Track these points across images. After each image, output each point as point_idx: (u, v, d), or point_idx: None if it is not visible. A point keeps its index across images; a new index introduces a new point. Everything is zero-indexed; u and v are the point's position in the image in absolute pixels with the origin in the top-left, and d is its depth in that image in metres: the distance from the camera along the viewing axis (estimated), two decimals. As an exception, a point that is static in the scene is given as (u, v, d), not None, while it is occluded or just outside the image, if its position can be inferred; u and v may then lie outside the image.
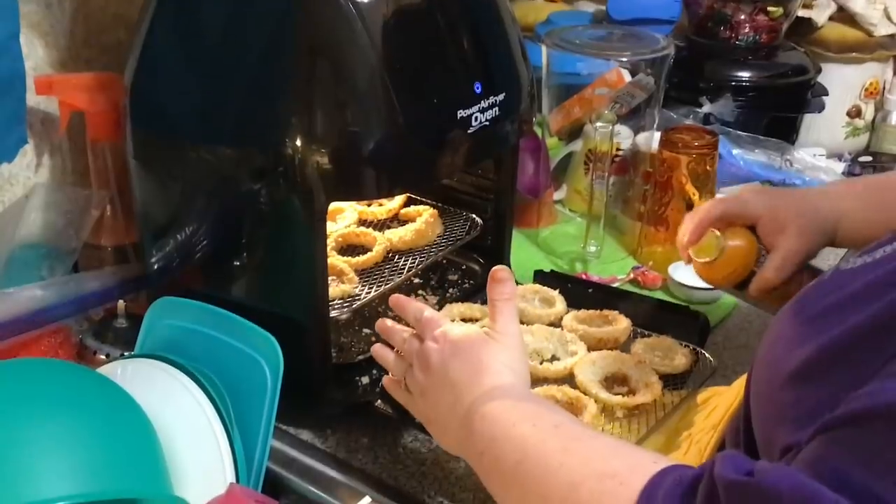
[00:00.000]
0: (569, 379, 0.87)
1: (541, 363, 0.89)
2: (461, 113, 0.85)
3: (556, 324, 0.96)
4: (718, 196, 0.99)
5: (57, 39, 1.03)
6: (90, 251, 1.05)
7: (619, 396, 0.84)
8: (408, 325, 0.76)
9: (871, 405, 0.42)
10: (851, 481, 0.41)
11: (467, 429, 0.65)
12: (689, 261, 0.87)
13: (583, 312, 0.98)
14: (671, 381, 0.89)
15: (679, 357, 0.91)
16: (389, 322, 0.78)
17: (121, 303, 1.00)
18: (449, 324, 0.72)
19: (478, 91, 0.87)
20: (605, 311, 0.97)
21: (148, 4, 0.87)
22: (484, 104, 0.87)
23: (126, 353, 0.93)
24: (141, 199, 0.95)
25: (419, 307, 0.74)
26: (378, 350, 0.79)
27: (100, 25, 1.07)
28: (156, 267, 0.96)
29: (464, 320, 0.94)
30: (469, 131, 0.86)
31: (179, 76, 0.87)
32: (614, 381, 0.89)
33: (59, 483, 0.67)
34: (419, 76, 0.83)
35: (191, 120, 0.87)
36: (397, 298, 0.78)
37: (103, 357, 0.97)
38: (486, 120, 0.88)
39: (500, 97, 0.90)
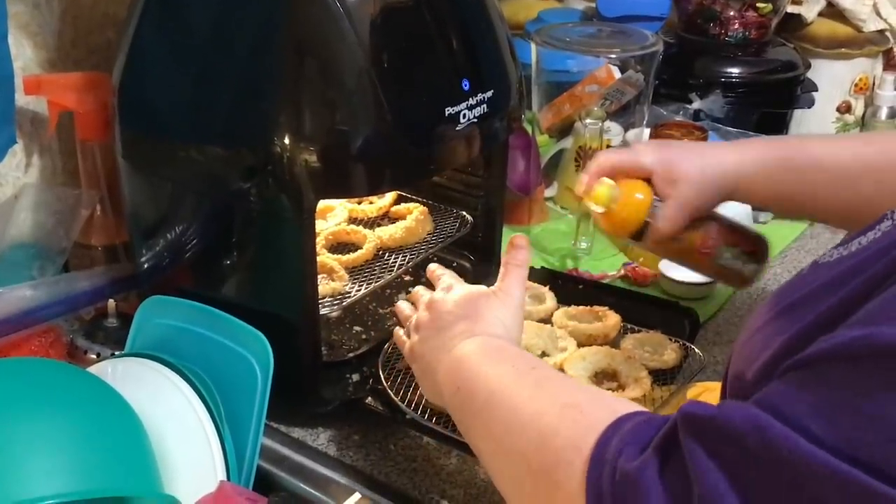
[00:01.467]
0: None
1: None
2: (449, 110, 0.85)
3: (547, 320, 0.97)
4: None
5: (45, 40, 1.03)
6: (80, 251, 1.05)
7: (609, 391, 0.84)
8: None
9: (819, 349, 0.43)
10: (793, 416, 0.41)
11: (448, 368, 0.68)
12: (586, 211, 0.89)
13: (573, 309, 0.98)
14: (661, 376, 0.90)
15: (669, 352, 0.91)
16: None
17: (111, 302, 1.00)
18: (461, 282, 0.77)
19: (466, 88, 0.87)
20: (596, 308, 0.97)
21: (135, 4, 0.87)
22: (472, 101, 0.87)
23: (116, 353, 0.93)
24: (130, 198, 0.95)
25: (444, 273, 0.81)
26: (398, 305, 0.84)
27: (88, 25, 1.07)
28: (146, 266, 0.96)
29: None
30: (457, 128, 0.86)
31: (167, 75, 0.87)
32: (604, 377, 0.89)
33: (49, 482, 0.67)
34: (407, 74, 0.83)
35: (179, 119, 0.87)
36: (434, 267, 0.83)
37: (94, 356, 0.97)
38: (475, 117, 0.88)
39: (489, 94, 0.90)
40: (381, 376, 0.87)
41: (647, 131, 1.24)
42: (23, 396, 0.71)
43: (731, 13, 1.44)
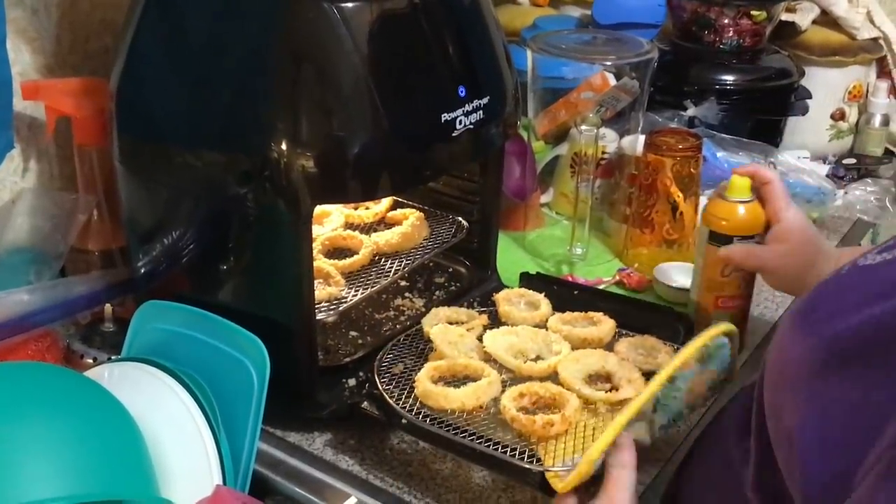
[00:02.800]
0: (553, 377, 0.87)
1: (525, 362, 0.89)
2: (445, 116, 0.86)
3: (542, 325, 0.97)
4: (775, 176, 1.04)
5: (43, 45, 1.03)
6: (77, 255, 1.05)
7: (602, 392, 0.85)
8: None
9: None
10: None
11: None
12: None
13: (568, 314, 0.98)
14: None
15: (662, 355, 0.92)
16: None
17: (108, 307, 1.00)
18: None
19: (462, 95, 0.87)
20: (591, 313, 0.98)
21: (133, 9, 0.88)
22: (468, 108, 0.88)
23: (113, 357, 0.94)
24: (127, 203, 0.95)
25: None
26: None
27: (86, 31, 1.07)
28: (143, 271, 0.96)
29: (450, 323, 0.95)
30: (454, 135, 0.87)
31: (165, 81, 0.88)
32: (598, 379, 0.89)
33: (45, 485, 0.67)
34: (403, 80, 0.84)
35: (176, 124, 0.88)
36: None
37: (90, 361, 0.97)
38: (471, 123, 0.89)
39: (485, 101, 0.90)
40: (377, 381, 0.87)
41: (641, 138, 1.25)
42: (20, 400, 0.71)
43: (726, 21, 1.45)
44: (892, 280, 0.49)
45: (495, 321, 0.97)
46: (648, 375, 0.88)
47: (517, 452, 0.77)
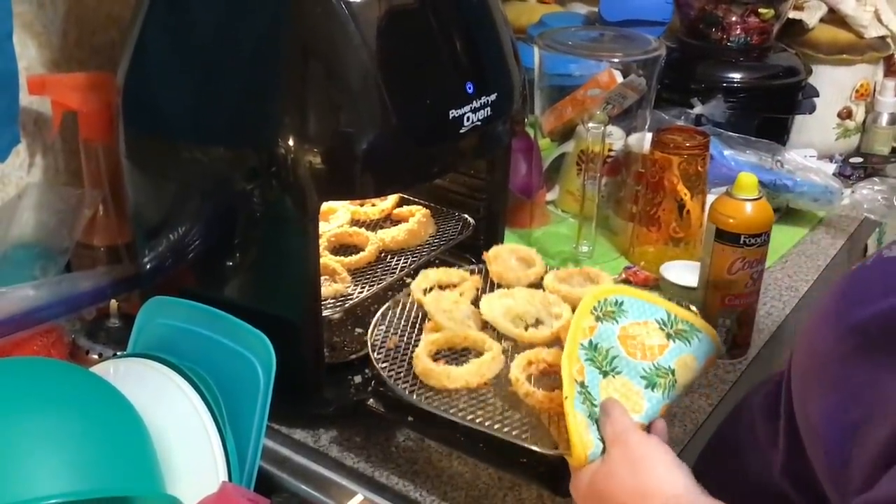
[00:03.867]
0: (556, 343, 0.85)
1: (525, 328, 0.87)
2: (453, 113, 0.85)
3: (538, 284, 0.94)
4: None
5: (50, 39, 1.03)
6: (83, 251, 1.05)
7: None
8: None
9: None
10: None
11: None
12: None
13: (563, 271, 0.96)
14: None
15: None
16: None
17: (113, 302, 1.00)
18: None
19: (470, 91, 0.87)
20: (586, 268, 0.96)
21: (140, 4, 0.87)
22: (476, 104, 0.88)
23: (118, 353, 0.93)
24: (134, 198, 0.95)
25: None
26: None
27: (92, 26, 1.07)
28: (148, 266, 0.96)
29: (441, 288, 0.94)
30: (461, 131, 0.86)
31: (172, 76, 0.87)
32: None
33: (53, 481, 0.67)
34: (412, 76, 0.84)
35: (183, 119, 0.87)
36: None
37: (96, 357, 0.97)
38: (479, 120, 0.88)
39: (492, 97, 0.90)
40: (372, 357, 0.85)
41: (649, 135, 1.25)
42: (26, 396, 0.71)
43: (733, 18, 1.45)
44: None
45: (488, 281, 0.96)
46: None
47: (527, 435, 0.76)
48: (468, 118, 0.87)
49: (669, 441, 0.73)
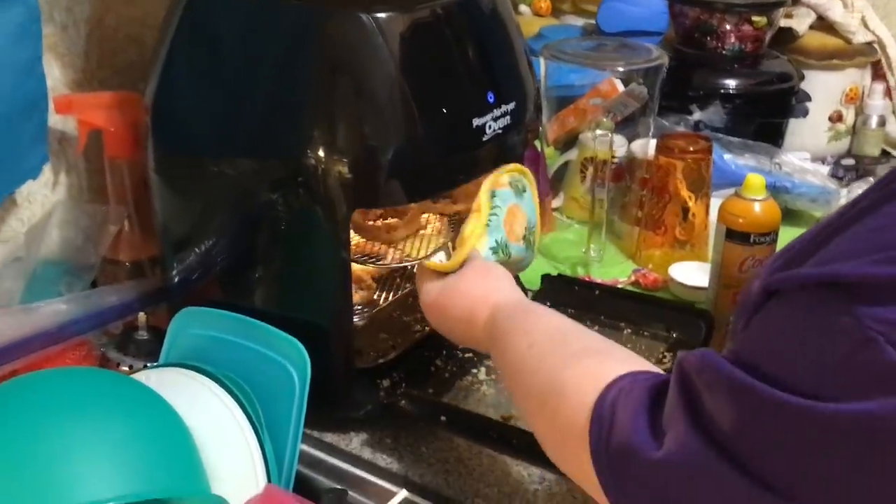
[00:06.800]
0: None
1: None
2: (476, 122, 0.88)
3: None
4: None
5: (73, 60, 1.05)
6: (108, 267, 1.07)
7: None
8: None
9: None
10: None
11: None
12: None
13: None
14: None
15: None
16: None
17: (142, 315, 1.02)
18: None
19: (491, 100, 0.90)
20: None
21: (168, 23, 0.90)
22: (497, 112, 0.90)
23: (149, 364, 0.95)
24: (162, 213, 0.97)
25: None
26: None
27: (113, 47, 1.09)
28: (177, 279, 0.98)
29: None
30: (483, 139, 0.89)
31: (200, 92, 0.90)
32: None
33: (105, 484, 0.69)
34: (436, 87, 0.86)
35: (212, 134, 0.90)
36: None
37: (126, 368, 0.98)
38: (499, 128, 0.91)
39: (511, 106, 0.93)
40: None
41: (653, 142, 1.28)
42: (76, 404, 0.73)
43: (728, 27, 1.49)
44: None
45: None
46: None
47: None
48: (490, 126, 0.90)
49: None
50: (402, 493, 0.83)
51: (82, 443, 0.70)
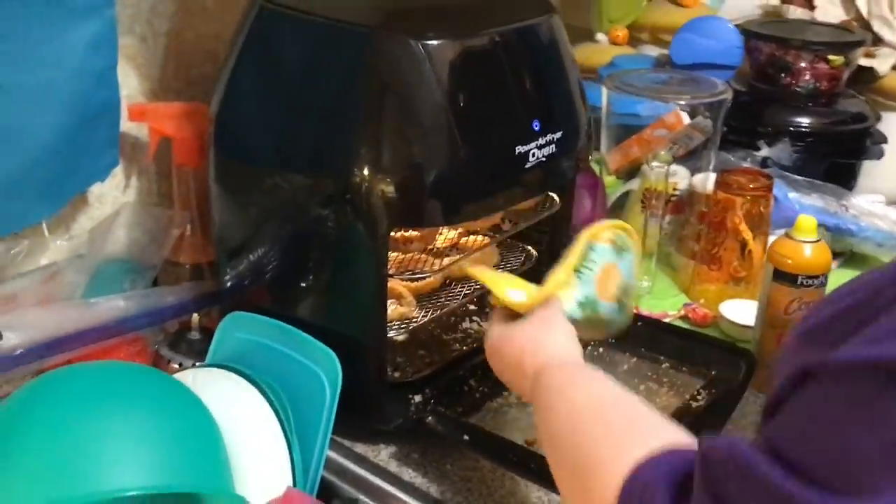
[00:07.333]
0: None
1: None
2: (519, 149, 0.90)
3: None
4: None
5: (150, 71, 1.11)
6: (169, 268, 1.12)
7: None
8: None
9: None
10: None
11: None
12: None
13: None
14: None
15: None
16: None
17: (195, 316, 1.06)
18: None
19: (536, 129, 0.92)
20: None
21: (235, 42, 0.95)
22: (541, 141, 0.92)
23: (198, 363, 1.00)
24: (219, 220, 1.01)
25: None
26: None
27: (189, 60, 1.15)
28: (229, 284, 1.03)
29: None
30: (526, 166, 0.91)
31: (260, 108, 0.94)
32: None
33: (132, 475, 0.72)
34: (481, 113, 0.88)
35: (269, 149, 0.94)
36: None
37: (176, 366, 1.03)
38: (544, 156, 0.93)
39: (558, 135, 0.94)
40: None
41: (713, 176, 1.27)
42: (110, 397, 0.76)
43: (803, 64, 1.47)
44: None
45: None
46: None
47: None
48: (533, 154, 0.91)
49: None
50: (417, 507, 0.84)
51: (111, 434, 0.73)
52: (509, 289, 0.84)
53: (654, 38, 1.77)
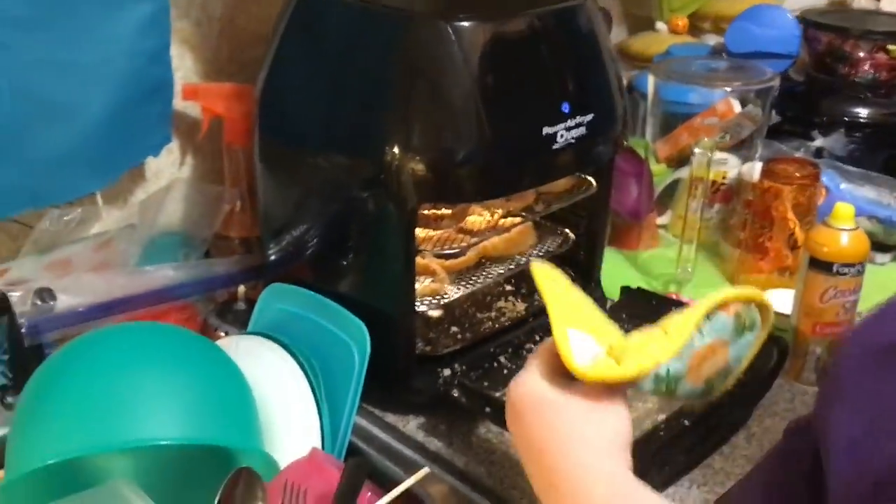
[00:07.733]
0: None
1: None
2: (547, 130, 0.92)
3: None
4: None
5: (204, 53, 1.17)
6: (220, 241, 1.17)
7: None
8: None
9: None
10: None
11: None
12: None
13: None
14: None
15: None
16: None
17: (241, 288, 1.11)
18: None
19: (566, 111, 0.93)
20: None
21: (278, 26, 0.99)
22: (571, 123, 0.93)
23: (241, 332, 1.04)
24: (264, 198, 1.06)
25: None
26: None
27: (241, 43, 1.20)
28: (272, 258, 1.07)
29: None
30: (554, 147, 0.93)
31: (302, 91, 0.98)
32: None
33: (167, 427, 0.77)
34: (509, 94, 0.90)
35: (310, 129, 0.98)
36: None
37: (222, 334, 1.08)
38: (573, 138, 0.94)
39: (589, 118, 0.95)
40: None
41: (758, 165, 1.26)
42: (152, 353, 0.81)
43: (861, 54, 1.44)
44: None
45: None
46: None
47: None
48: (562, 135, 0.93)
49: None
50: (425, 470, 0.87)
51: (147, 388, 0.77)
52: (574, 333, 0.65)
53: (715, 27, 1.76)
